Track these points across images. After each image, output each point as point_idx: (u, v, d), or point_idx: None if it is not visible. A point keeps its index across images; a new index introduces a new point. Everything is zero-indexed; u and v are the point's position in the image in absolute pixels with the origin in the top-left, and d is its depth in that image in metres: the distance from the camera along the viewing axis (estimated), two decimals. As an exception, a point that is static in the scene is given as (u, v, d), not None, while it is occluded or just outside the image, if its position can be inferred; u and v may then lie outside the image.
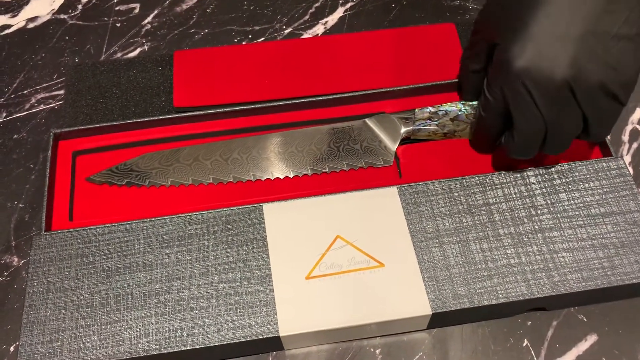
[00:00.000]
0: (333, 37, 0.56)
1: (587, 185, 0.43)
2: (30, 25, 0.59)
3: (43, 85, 0.55)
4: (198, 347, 0.38)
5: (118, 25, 0.59)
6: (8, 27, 0.59)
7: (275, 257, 0.41)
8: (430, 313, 0.39)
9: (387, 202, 0.43)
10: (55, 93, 0.54)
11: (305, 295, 0.39)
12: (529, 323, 0.42)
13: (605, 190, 0.43)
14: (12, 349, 0.42)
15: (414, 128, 0.46)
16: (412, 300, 0.39)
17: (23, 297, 0.43)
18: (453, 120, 0.46)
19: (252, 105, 0.49)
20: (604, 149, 0.46)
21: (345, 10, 0.59)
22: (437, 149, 0.47)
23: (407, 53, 0.54)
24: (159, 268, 0.41)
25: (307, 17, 0.59)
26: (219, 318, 0.39)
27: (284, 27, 0.58)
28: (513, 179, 0.44)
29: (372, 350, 0.41)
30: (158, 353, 0.38)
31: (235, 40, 0.57)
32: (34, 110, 0.54)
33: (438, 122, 0.46)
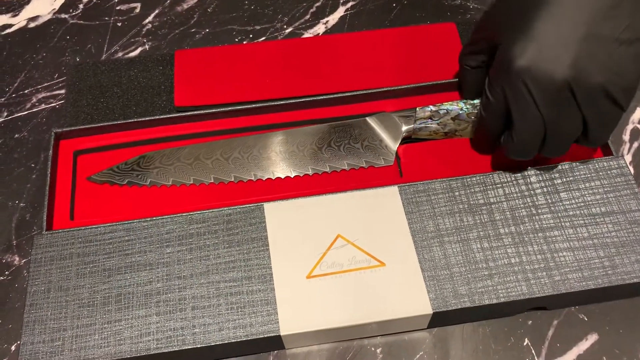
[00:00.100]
0: (334, 36, 0.56)
1: (587, 185, 0.43)
2: (32, 25, 0.59)
3: (44, 85, 0.55)
4: (199, 346, 0.38)
5: (119, 25, 0.59)
6: (9, 26, 0.59)
7: (276, 256, 0.41)
8: (431, 312, 0.39)
9: (387, 201, 0.43)
10: (56, 92, 0.55)
11: (306, 295, 0.39)
12: (530, 322, 0.42)
13: (606, 190, 0.43)
14: (13, 348, 0.42)
15: (415, 127, 0.46)
16: (412, 300, 0.39)
17: (24, 296, 0.43)
18: (454, 120, 0.45)
19: (253, 105, 0.49)
20: (605, 149, 0.46)
21: (346, 10, 0.59)
22: (437, 149, 0.47)
23: (407, 52, 0.54)
24: (160, 267, 0.41)
25: (308, 16, 0.59)
26: (220, 317, 0.39)
27: (285, 26, 0.58)
28: (514, 178, 0.44)
29: (372, 350, 0.41)
30: (159, 352, 0.38)
31: (236, 40, 0.57)
32: (35, 110, 0.54)
33: (439, 121, 0.46)
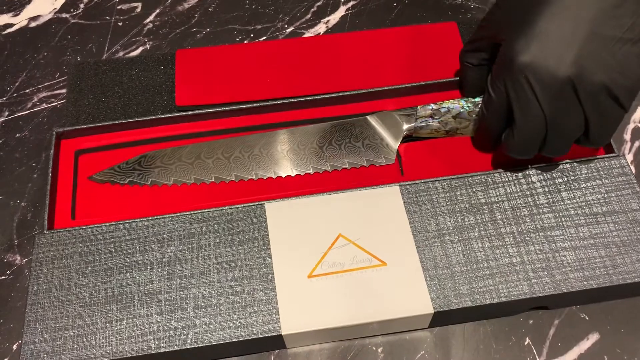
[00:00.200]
0: (335, 35, 0.56)
1: (589, 184, 0.43)
2: (33, 24, 0.59)
3: (45, 84, 0.55)
4: (200, 345, 0.38)
5: (120, 24, 0.59)
6: (10, 26, 0.59)
7: (278, 255, 0.41)
8: (432, 312, 0.39)
9: (389, 200, 0.43)
10: (58, 92, 0.55)
11: (307, 294, 0.39)
12: (531, 322, 0.42)
13: (608, 189, 0.43)
14: (14, 347, 0.42)
15: (416, 125, 0.46)
16: (414, 299, 0.39)
17: (26, 295, 0.43)
18: (455, 118, 0.45)
19: (254, 104, 0.49)
20: (606, 148, 0.46)
21: (347, 9, 0.59)
22: (439, 147, 0.47)
23: (409, 52, 0.54)
24: (161, 266, 0.41)
25: (309, 16, 0.59)
26: (221, 316, 0.39)
27: (286, 26, 0.58)
28: (515, 178, 0.44)
29: (374, 349, 0.41)
30: (160, 352, 0.38)
31: (237, 39, 0.57)
32: (36, 109, 0.54)
33: (440, 119, 0.46)
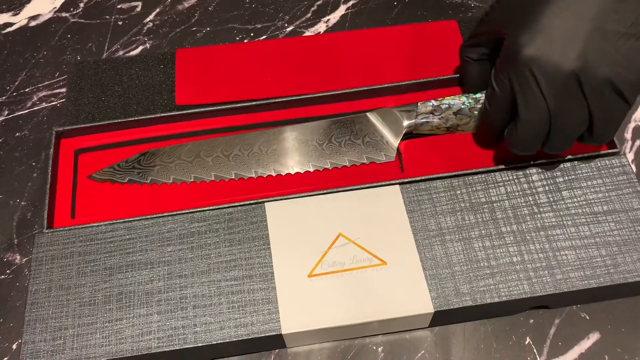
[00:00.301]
0: (335, 34, 0.56)
1: (589, 183, 0.43)
2: (32, 24, 0.59)
3: (45, 83, 0.55)
4: (200, 345, 0.38)
5: (120, 24, 0.59)
6: (10, 25, 0.59)
7: (278, 255, 0.41)
8: (433, 311, 0.39)
9: (389, 199, 0.43)
10: (57, 91, 0.54)
11: (308, 293, 0.39)
12: (532, 321, 0.42)
13: (608, 188, 0.43)
14: (14, 347, 0.42)
15: (417, 122, 0.46)
16: (414, 298, 0.39)
17: (25, 294, 0.43)
18: (456, 114, 0.45)
19: (254, 102, 0.49)
20: (607, 146, 0.46)
21: (347, 9, 0.59)
22: (439, 144, 0.47)
23: (409, 51, 0.54)
24: (161, 266, 0.41)
25: (309, 15, 0.59)
26: (221, 316, 0.39)
27: (286, 25, 0.58)
28: (515, 177, 0.44)
29: (374, 348, 0.41)
30: (160, 351, 0.38)
31: (237, 39, 0.57)
32: (36, 108, 0.54)
33: (441, 115, 0.45)
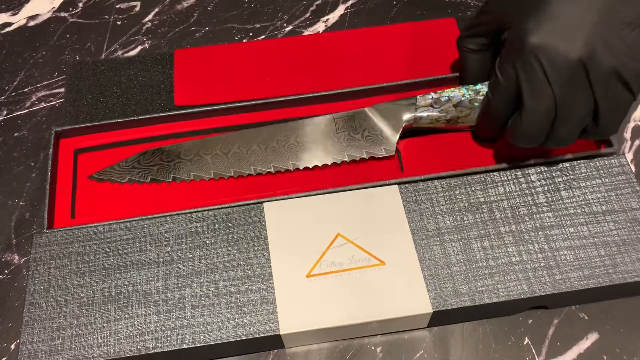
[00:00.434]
0: (334, 33, 0.56)
1: (588, 183, 0.43)
2: (31, 23, 0.59)
3: (44, 83, 0.55)
4: (198, 345, 0.38)
5: (119, 23, 0.59)
6: (9, 25, 0.59)
7: (276, 255, 0.41)
8: (431, 311, 0.39)
9: (387, 199, 0.43)
10: (56, 91, 0.54)
11: (306, 294, 0.39)
12: (530, 321, 0.42)
13: (607, 188, 0.43)
14: (12, 347, 0.42)
15: (416, 115, 0.45)
16: (412, 298, 0.39)
17: (24, 295, 0.43)
18: (456, 106, 0.44)
19: (253, 102, 0.49)
20: (606, 147, 0.46)
21: (347, 8, 0.59)
22: (438, 143, 0.47)
23: (408, 49, 0.54)
24: (160, 266, 0.41)
25: (308, 14, 0.59)
26: (220, 316, 0.39)
27: (285, 24, 0.58)
28: (514, 177, 0.44)
29: (372, 349, 0.41)
30: (158, 351, 0.38)
31: (236, 38, 0.57)
32: (35, 108, 0.54)
33: (440, 108, 0.45)
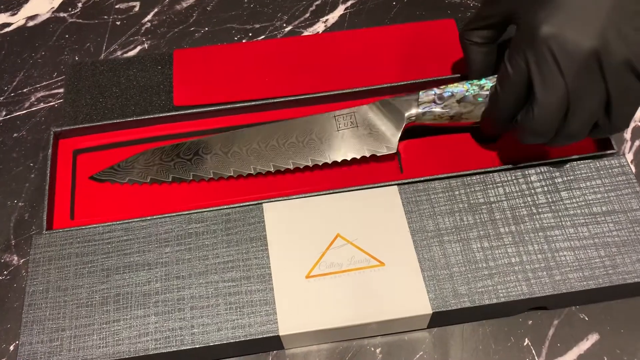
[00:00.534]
0: (333, 34, 0.56)
1: (588, 184, 0.43)
2: (30, 24, 0.59)
3: (43, 84, 0.55)
4: (198, 346, 0.38)
5: (118, 24, 0.59)
6: (8, 25, 0.59)
7: (275, 256, 0.41)
8: (431, 312, 0.39)
9: (387, 200, 0.43)
10: (55, 91, 0.54)
11: (305, 295, 0.39)
12: (530, 322, 0.42)
13: (607, 189, 0.43)
14: (11, 348, 0.42)
15: (419, 112, 0.44)
16: (412, 299, 0.39)
17: (23, 296, 0.43)
18: (459, 102, 0.43)
19: (252, 102, 0.49)
20: (606, 147, 0.46)
21: (346, 8, 0.59)
22: (439, 144, 0.47)
23: (407, 49, 0.54)
24: (159, 267, 0.41)
25: (307, 15, 0.59)
26: (219, 317, 0.39)
27: (285, 25, 0.58)
28: (514, 177, 0.43)
29: (372, 350, 0.41)
30: (157, 352, 0.38)
31: (236, 39, 0.57)
32: (34, 109, 0.53)
33: (444, 104, 0.44)
